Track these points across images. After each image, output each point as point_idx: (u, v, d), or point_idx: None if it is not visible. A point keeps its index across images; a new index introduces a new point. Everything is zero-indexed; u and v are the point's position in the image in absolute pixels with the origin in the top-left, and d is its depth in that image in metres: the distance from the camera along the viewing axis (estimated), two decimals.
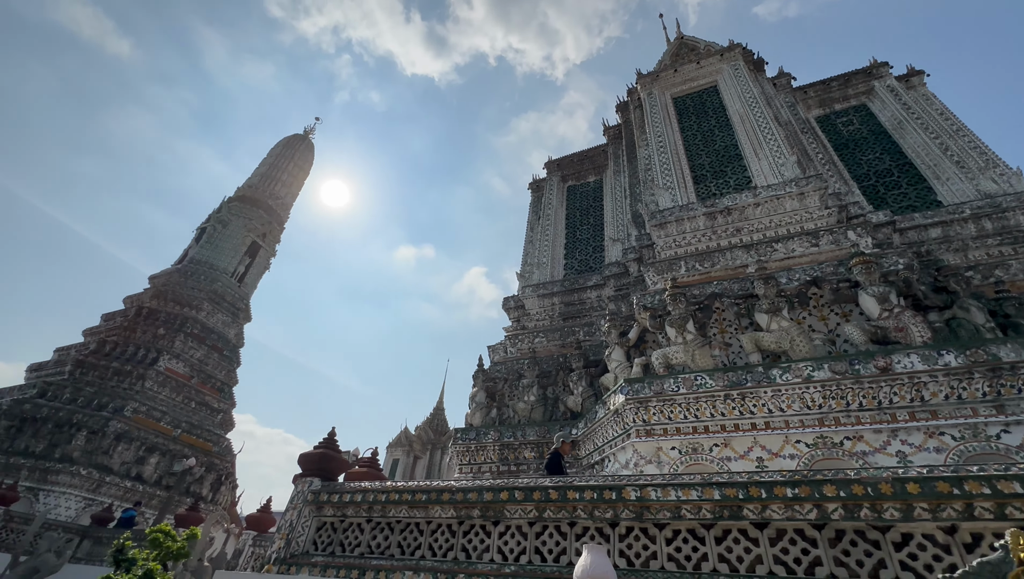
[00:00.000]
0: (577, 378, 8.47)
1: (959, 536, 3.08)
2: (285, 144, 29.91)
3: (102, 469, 15.02)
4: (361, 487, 4.98)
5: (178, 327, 19.66)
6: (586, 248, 12.59)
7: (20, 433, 14.64)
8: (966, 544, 3.05)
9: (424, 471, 39.20)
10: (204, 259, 22.90)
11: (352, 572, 4.53)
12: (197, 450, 17.93)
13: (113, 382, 17.18)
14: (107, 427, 15.42)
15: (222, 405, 20.29)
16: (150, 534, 5.39)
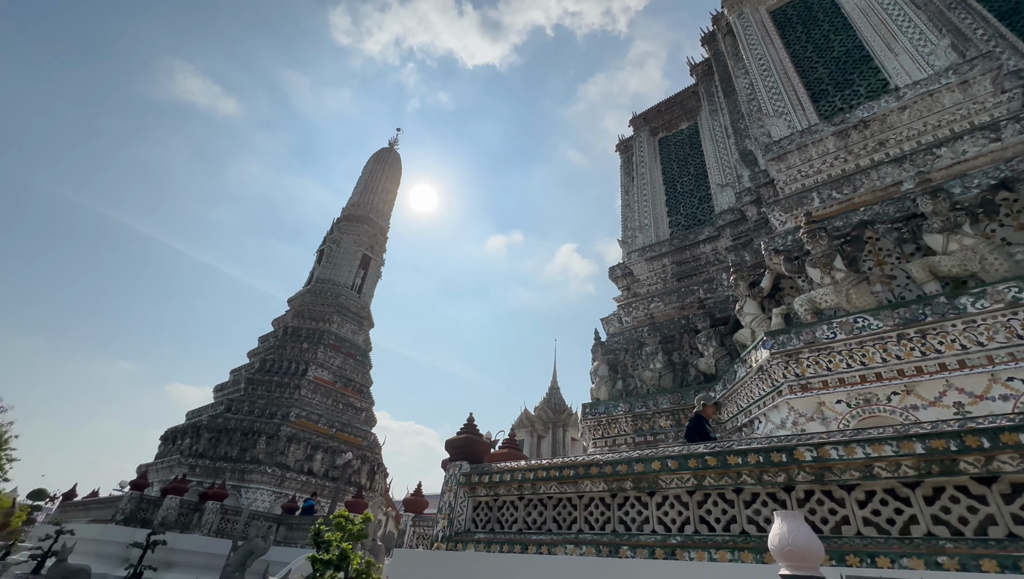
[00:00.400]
0: (705, 339, 7.90)
1: None
2: (375, 159, 31.99)
3: (282, 467, 17.60)
4: (509, 467, 5.13)
5: (317, 340, 22.21)
6: (690, 201, 11.66)
7: (218, 442, 17.69)
8: None
9: (549, 449, 40.16)
10: (327, 277, 25.50)
11: (515, 547, 4.70)
12: (351, 445, 20.20)
13: (276, 393, 19.97)
14: (279, 431, 17.99)
15: (363, 404, 22.59)
16: (334, 519, 6.09)
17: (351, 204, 29.56)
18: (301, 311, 23.42)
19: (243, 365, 22.41)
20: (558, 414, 43.10)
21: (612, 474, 4.48)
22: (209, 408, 20.11)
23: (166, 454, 18.75)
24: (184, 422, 20.14)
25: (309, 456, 18.56)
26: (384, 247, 28.82)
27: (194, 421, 18.92)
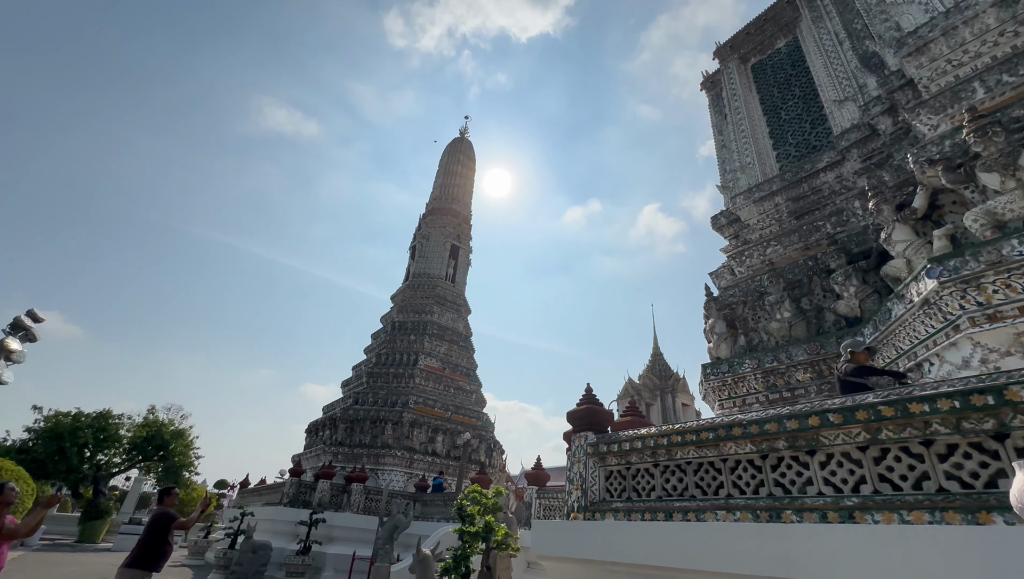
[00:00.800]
0: (843, 279, 6.91)
1: None
2: (449, 151, 32.70)
3: (409, 450, 19.07)
4: (639, 434, 4.93)
5: (422, 331, 23.54)
6: (800, 127, 10.23)
7: (352, 431, 19.61)
8: None
9: (659, 416, 39.05)
10: (422, 271, 26.80)
11: (657, 515, 4.51)
12: (467, 426, 21.28)
13: (394, 383, 21.59)
14: (402, 418, 19.45)
15: (471, 387, 23.62)
16: (469, 494, 6.34)
17: (433, 198, 30.62)
18: (404, 306, 24.93)
19: (362, 361, 24.51)
20: (664, 380, 41.68)
21: (760, 434, 4.07)
22: (340, 402, 22.36)
23: (312, 445, 21.23)
24: (322, 416, 22.62)
25: (431, 438, 19.90)
26: (469, 235, 29.53)
27: (330, 414, 21.15)
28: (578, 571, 4.88)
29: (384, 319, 25.85)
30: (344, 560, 13.91)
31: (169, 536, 5.74)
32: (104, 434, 23.86)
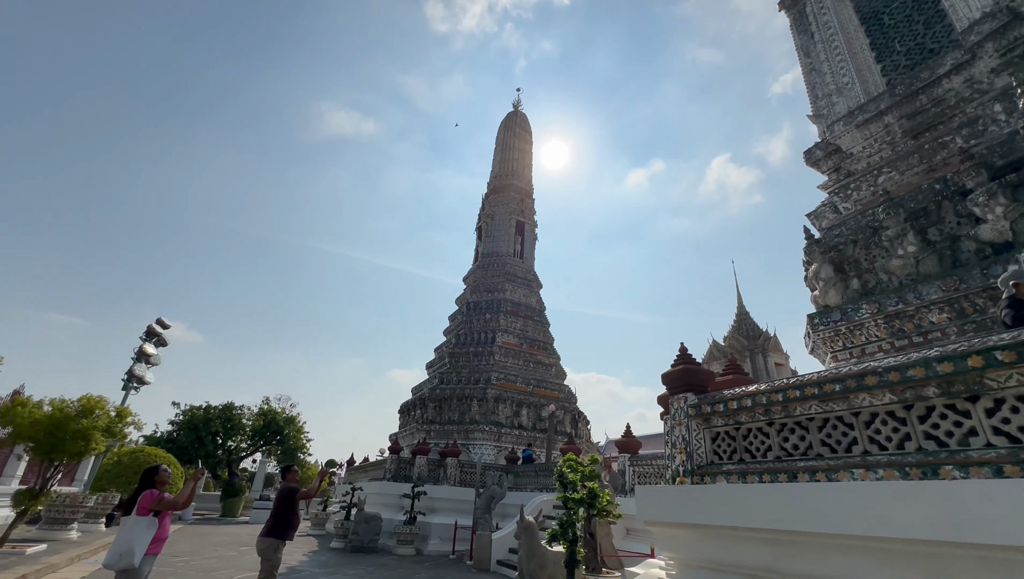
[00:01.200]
0: (986, 198, 5.81)
1: None
2: (504, 126, 32.31)
3: (496, 424, 19.59)
4: (749, 391, 4.52)
5: (496, 309, 23.84)
6: (908, 30, 8.70)
7: (441, 409, 20.49)
8: None
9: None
10: (490, 251, 27.02)
11: (778, 476, 4.13)
12: (549, 398, 21.41)
13: (474, 362, 22.18)
14: (486, 394, 19.97)
15: (550, 360, 23.65)
16: (566, 462, 6.26)
17: (494, 176, 30.56)
18: (476, 286, 25.36)
19: (442, 342, 25.42)
20: (753, 340, 39.09)
21: (902, 382, 3.52)
22: (427, 383, 23.43)
23: (406, 424, 22.52)
24: (412, 397, 23.87)
25: (516, 412, 20.28)
26: (533, 209, 29.21)
27: (419, 395, 22.25)
28: (690, 536, 4.64)
29: (459, 301, 26.51)
30: (447, 529, 14.68)
31: (295, 507, 6.27)
32: (230, 423, 27.03)
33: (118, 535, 4.38)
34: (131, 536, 4.34)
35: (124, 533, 4.36)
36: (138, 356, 13.96)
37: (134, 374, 13.65)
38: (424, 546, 14.19)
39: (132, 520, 4.44)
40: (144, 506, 4.51)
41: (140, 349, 14.10)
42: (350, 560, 11.76)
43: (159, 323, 14.74)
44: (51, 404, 10.28)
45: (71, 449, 9.74)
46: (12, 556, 8.56)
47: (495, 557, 11.47)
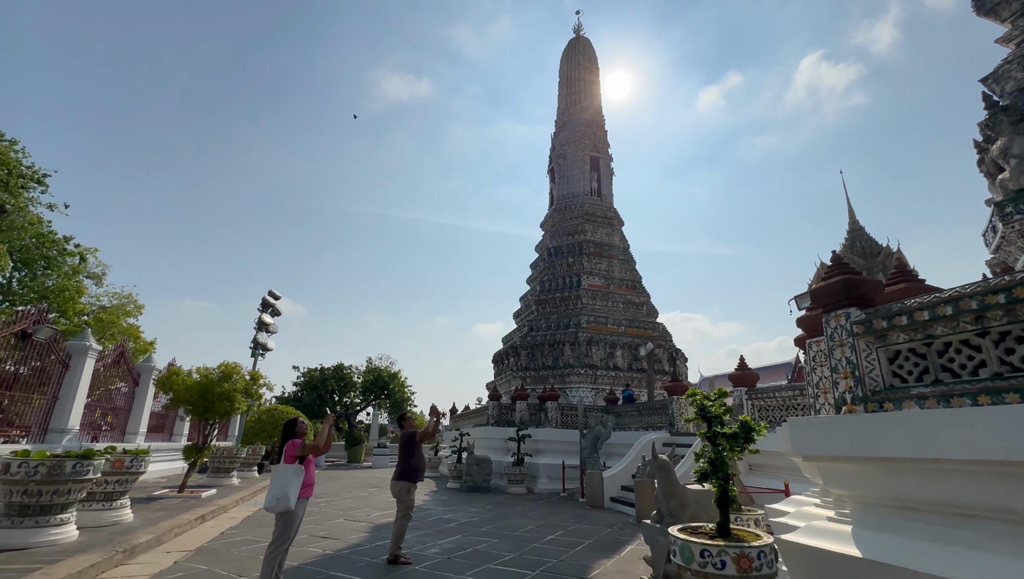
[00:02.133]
0: None
1: None
2: (567, 56, 30.04)
3: (590, 367, 19.38)
4: (949, 296, 3.59)
5: (578, 252, 23.07)
6: None
7: (534, 356, 20.65)
8: None
9: None
10: (565, 193, 25.92)
11: (1005, 396, 3.28)
12: (643, 338, 20.66)
13: (562, 307, 21.88)
14: (578, 338, 19.70)
15: (640, 299, 22.68)
16: (691, 397, 5.69)
17: (560, 113, 28.85)
18: (555, 230, 24.63)
19: (527, 291, 25.36)
20: (870, 258, 34.64)
21: None
22: (516, 332, 23.68)
23: (500, 372, 23.12)
24: (503, 347, 24.33)
25: (609, 354, 19.88)
26: (606, 141, 27.32)
27: (510, 344, 22.57)
28: (870, 471, 3.94)
29: (539, 248, 26.06)
30: (553, 469, 14.99)
31: (418, 450, 6.44)
32: (343, 381, 29.72)
33: (272, 482, 4.63)
34: (284, 482, 4.57)
35: (277, 480, 4.59)
36: (259, 326, 15.39)
37: (258, 342, 15.12)
38: (534, 485, 14.65)
39: (281, 468, 4.67)
40: (290, 454, 4.71)
41: (259, 320, 15.50)
42: (468, 499, 12.41)
43: (271, 295, 16.04)
44: (197, 372, 11.60)
45: (220, 409, 11.00)
46: (192, 500, 9.99)
47: (608, 494, 11.47)
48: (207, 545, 6.68)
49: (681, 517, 4.71)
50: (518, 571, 5.67)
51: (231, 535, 7.39)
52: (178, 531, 7.21)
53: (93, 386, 11.60)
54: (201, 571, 5.40)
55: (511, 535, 7.85)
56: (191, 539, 7.00)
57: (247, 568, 5.54)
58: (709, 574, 3.52)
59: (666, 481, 4.85)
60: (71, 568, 4.77)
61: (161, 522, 7.36)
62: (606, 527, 8.70)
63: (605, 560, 6.34)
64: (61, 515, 5.88)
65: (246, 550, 6.43)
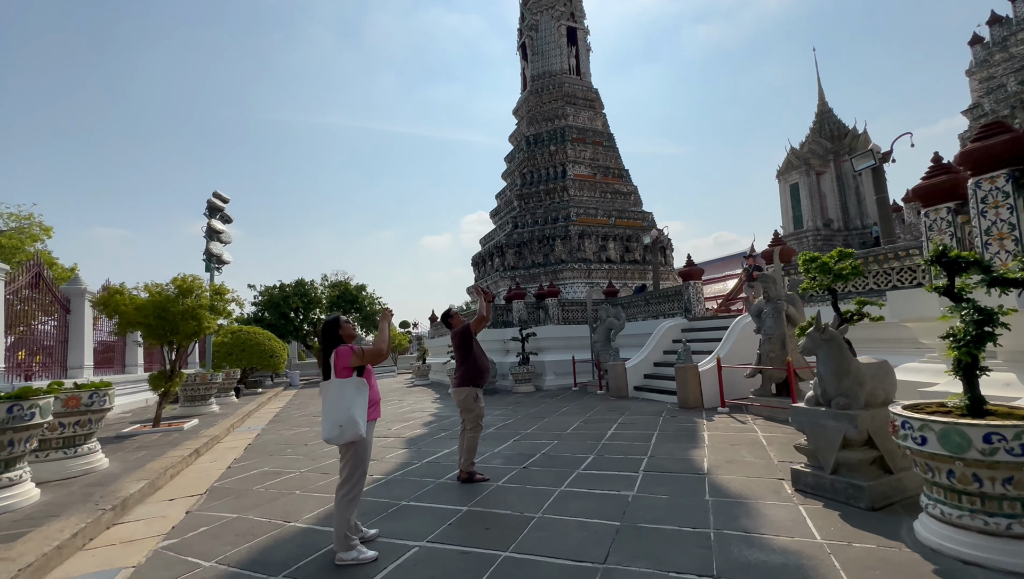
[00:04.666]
0: None
1: None
2: None
3: (584, 261, 18.45)
4: None
5: (560, 139, 20.99)
6: None
7: (522, 254, 19.39)
8: None
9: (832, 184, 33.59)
10: (541, 72, 22.97)
11: None
12: (633, 229, 19.74)
13: (547, 200, 20.28)
14: (568, 232, 18.46)
15: (628, 188, 21.40)
16: (808, 260, 4.65)
17: None
18: (532, 116, 22.14)
19: (504, 187, 23.36)
20: (838, 140, 34.72)
21: None
22: (497, 231, 22.08)
23: (484, 274, 21.87)
24: (482, 249, 22.82)
25: (602, 247, 18.94)
26: (582, 8, 23.91)
27: (493, 244, 21.06)
28: None
29: (514, 137, 23.59)
30: (558, 365, 14.51)
31: (479, 347, 5.20)
32: (307, 298, 27.57)
33: (326, 405, 3.23)
34: (345, 403, 3.18)
35: (334, 401, 3.20)
36: (209, 234, 12.89)
37: (212, 253, 12.75)
38: (541, 383, 14.19)
39: (336, 385, 3.25)
40: (343, 366, 3.28)
41: (208, 226, 12.95)
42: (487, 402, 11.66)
43: (218, 197, 13.32)
44: (147, 290, 9.46)
45: (186, 329, 9.13)
46: (173, 433, 8.50)
47: (631, 384, 11.02)
48: (219, 485, 5.36)
49: (858, 396, 3.80)
50: (622, 475, 4.81)
51: (241, 469, 6.11)
52: (173, 472, 5.82)
53: (10, 320, 9.26)
54: (230, 520, 4.11)
55: (567, 435, 7.06)
56: (194, 480, 5.65)
57: (287, 509, 4.32)
58: (1000, 463, 2.61)
59: (837, 356, 3.85)
60: (44, 544, 3.33)
61: (148, 464, 5.91)
62: (653, 416, 8.15)
63: (697, 451, 5.63)
64: (6, 474, 4.29)
65: (271, 485, 5.18)
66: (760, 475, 4.52)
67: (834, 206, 32.81)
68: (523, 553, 3.14)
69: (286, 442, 7.97)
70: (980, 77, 22.90)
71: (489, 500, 4.26)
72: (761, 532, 3.25)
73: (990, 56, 22.40)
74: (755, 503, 3.80)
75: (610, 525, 3.52)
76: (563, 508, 3.94)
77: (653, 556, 2.98)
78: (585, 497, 4.19)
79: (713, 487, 4.25)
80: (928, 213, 5.89)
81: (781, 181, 34.36)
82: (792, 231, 32.62)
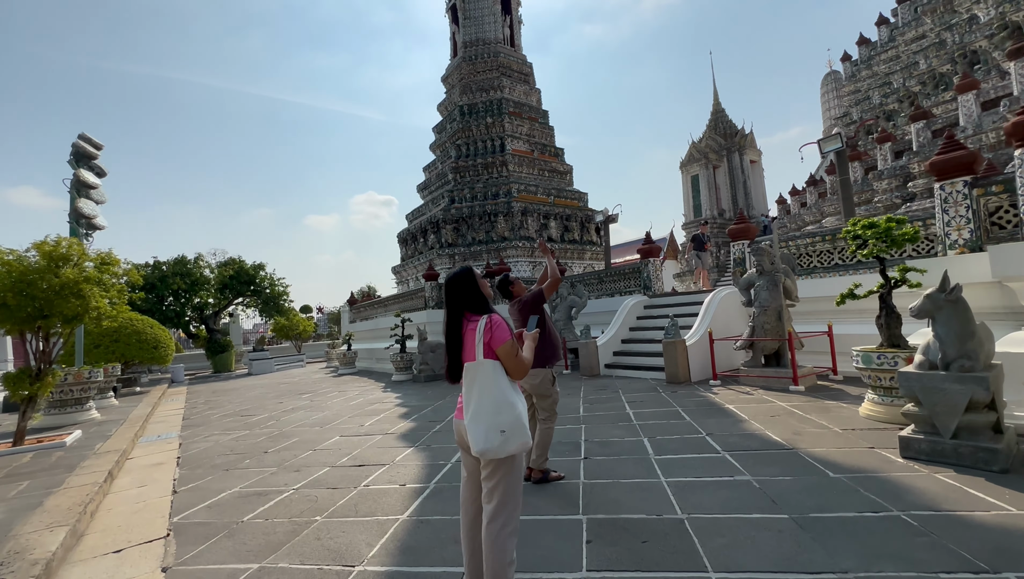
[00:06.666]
0: None
1: None
2: None
3: (526, 239, 17.86)
4: None
5: (498, 111, 20.01)
6: None
7: (460, 230, 18.20)
8: None
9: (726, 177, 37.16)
10: (474, 38, 21.63)
11: None
12: (570, 209, 19.63)
13: (485, 174, 19.26)
14: (511, 208, 17.71)
15: (563, 167, 21.21)
16: (866, 225, 4.57)
17: None
18: (466, 85, 20.78)
19: (433, 160, 21.75)
20: (729, 138, 38.41)
21: None
22: (428, 206, 20.50)
23: (414, 253, 20.24)
24: (412, 224, 21.08)
25: (543, 225, 18.51)
26: None
27: (427, 219, 19.48)
28: None
29: (444, 107, 21.99)
30: None
31: (550, 320, 4.32)
32: (191, 278, 23.27)
33: (476, 400, 2.18)
34: (507, 397, 2.18)
35: (490, 395, 2.17)
36: (76, 187, 9.74)
37: (82, 214, 9.65)
38: None
39: (490, 371, 2.22)
40: (502, 339, 2.25)
41: (76, 178, 9.77)
42: (443, 389, 10.59)
43: (85, 139, 10.09)
44: None
45: (64, 310, 6.71)
46: (54, 450, 6.24)
47: (603, 362, 10.77)
48: (182, 521, 3.81)
49: (979, 358, 3.68)
50: (706, 458, 4.31)
51: (197, 493, 4.49)
52: (91, 508, 4.06)
53: None
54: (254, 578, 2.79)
55: (587, 418, 6.46)
56: (132, 515, 3.98)
57: (331, 546, 3.09)
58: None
59: (963, 317, 3.70)
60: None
61: (46, 500, 4.05)
62: (650, 392, 7.89)
63: (745, 424, 5.37)
64: None
65: (265, 513, 3.79)
66: (851, 445, 4.31)
67: (727, 197, 36.33)
68: (734, 571, 2.43)
69: (231, 450, 6.26)
70: (849, 89, 26.66)
71: (600, 503, 3.45)
72: (955, 510, 2.92)
73: (858, 72, 26.15)
74: (891, 477, 3.51)
75: (780, 519, 2.97)
76: (697, 504, 3.30)
77: (892, 554, 2.46)
78: (704, 487, 3.60)
79: (824, 463, 3.92)
80: (944, 186, 6.09)
81: (684, 172, 37.11)
82: (692, 219, 35.49)
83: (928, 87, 19.53)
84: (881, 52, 24.51)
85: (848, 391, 6.76)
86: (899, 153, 18.24)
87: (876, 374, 5.09)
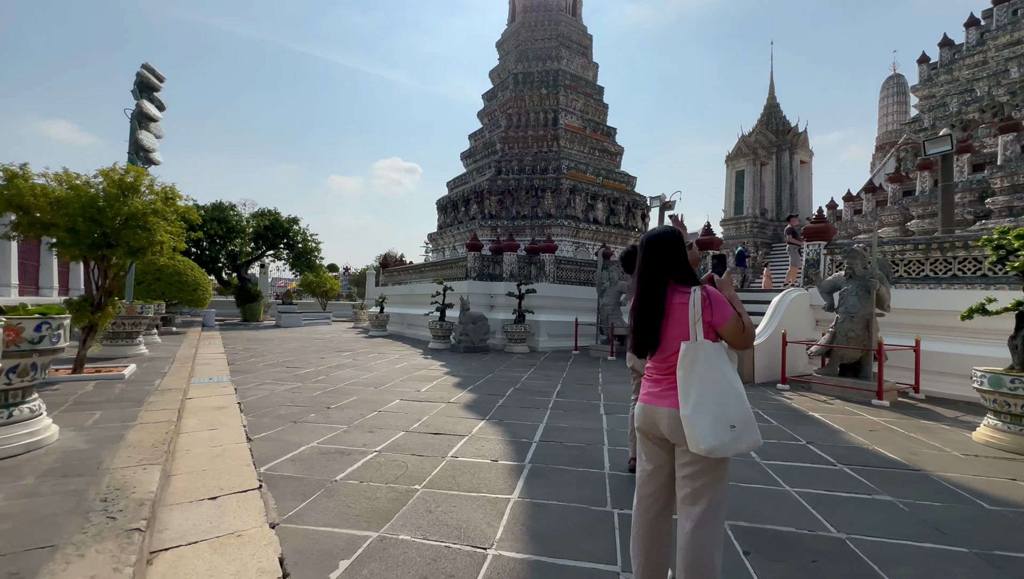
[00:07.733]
0: None
1: None
2: None
3: (572, 218, 17.36)
4: None
5: (554, 83, 19.25)
6: None
7: (505, 203, 17.74)
8: None
9: (772, 175, 35.81)
10: (533, 3, 20.70)
11: None
12: (618, 192, 18.95)
13: (535, 148, 18.65)
14: (560, 185, 17.16)
15: (615, 148, 20.45)
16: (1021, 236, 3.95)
17: None
18: (522, 53, 19.99)
19: (480, 128, 21.16)
20: (781, 136, 36.84)
21: None
22: (472, 175, 20.02)
23: (454, 222, 19.88)
24: (453, 192, 20.67)
25: (590, 206, 17.95)
26: None
27: (471, 187, 19.04)
28: None
29: (497, 73, 21.26)
30: (552, 326, 13.56)
31: None
32: (227, 225, 23.34)
33: (700, 392, 1.82)
34: (735, 388, 1.82)
35: (715, 383, 1.82)
36: (139, 118, 9.55)
37: (141, 145, 9.47)
38: (535, 344, 13.16)
39: (713, 354, 1.87)
40: (724, 319, 1.89)
41: (138, 109, 9.58)
42: (484, 362, 10.35)
43: (148, 70, 9.85)
44: (57, 179, 6.60)
45: (132, 241, 6.54)
46: (114, 382, 6.15)
47: None
48: (270, 471, 3.60)
49: None
50: (797, 466, 3.95)
51: (274, 443, 4.31)
52: (168, 448, 3.88)
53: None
54: (375, 547, 2.54)
55: None
56: (213, 461, 3.79)
57: (447, 520, 2.82)
58: None
59: None
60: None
61: (126, 434, 3.88)
62: None
63: (849, 437, 4.98)
64: None
65: (356, 474, 3.56)
66: (986, 474, 3.90)
67: (771, 196, 34.98)
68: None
69: (290, 402, 6.12)
70: (923, 94, 25.05)
71: (734, 508, 3.12)
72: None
73: (935, 75, 24.50)
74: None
75: (961, 552, 2.60)
76: (849, 522, 2.95)
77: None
78: (843, 503, 3.24)
79: (969, 491, 3.52)
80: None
81: (729, 166, 35.79)
82: (732, 216, 34.32)
83: (1019, 97, 18.17)
84: (966, 56, 22.85)
85: (940, 412, 6.30)
86: (977, 166, 17.09)
87: (1005, 399, 4.62)
